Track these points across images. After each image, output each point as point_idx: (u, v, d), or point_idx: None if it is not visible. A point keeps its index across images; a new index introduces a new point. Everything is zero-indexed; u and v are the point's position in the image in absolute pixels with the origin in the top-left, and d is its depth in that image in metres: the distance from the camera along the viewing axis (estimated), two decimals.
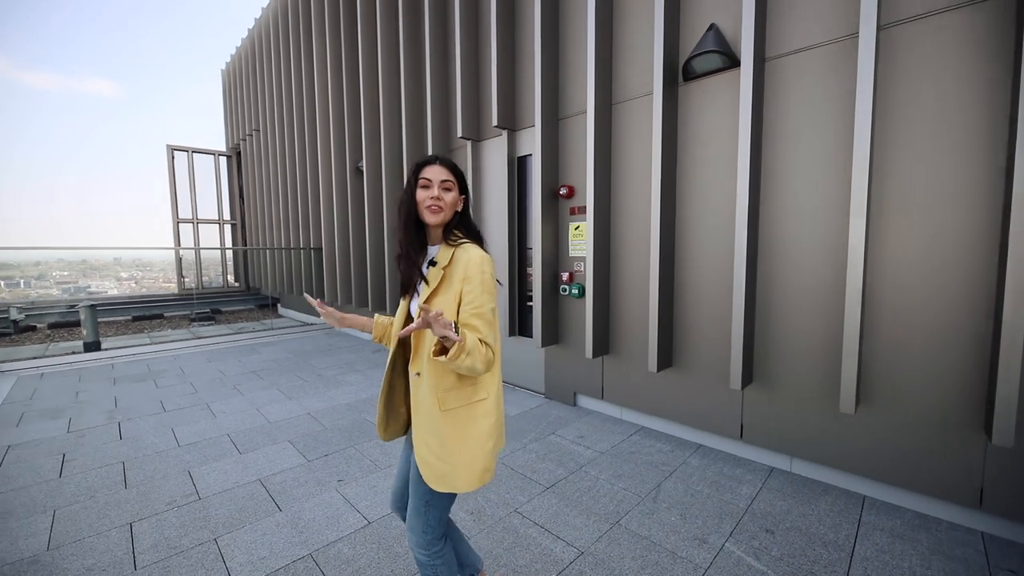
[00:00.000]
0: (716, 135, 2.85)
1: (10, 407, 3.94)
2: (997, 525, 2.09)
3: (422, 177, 1.31)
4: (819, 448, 2.55)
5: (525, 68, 4.00)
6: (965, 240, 2.07)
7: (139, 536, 2.14)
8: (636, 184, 3.27)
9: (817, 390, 2.53)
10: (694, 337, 3.04)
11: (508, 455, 2.94)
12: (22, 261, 10.29)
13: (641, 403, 3.37)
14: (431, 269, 1.32)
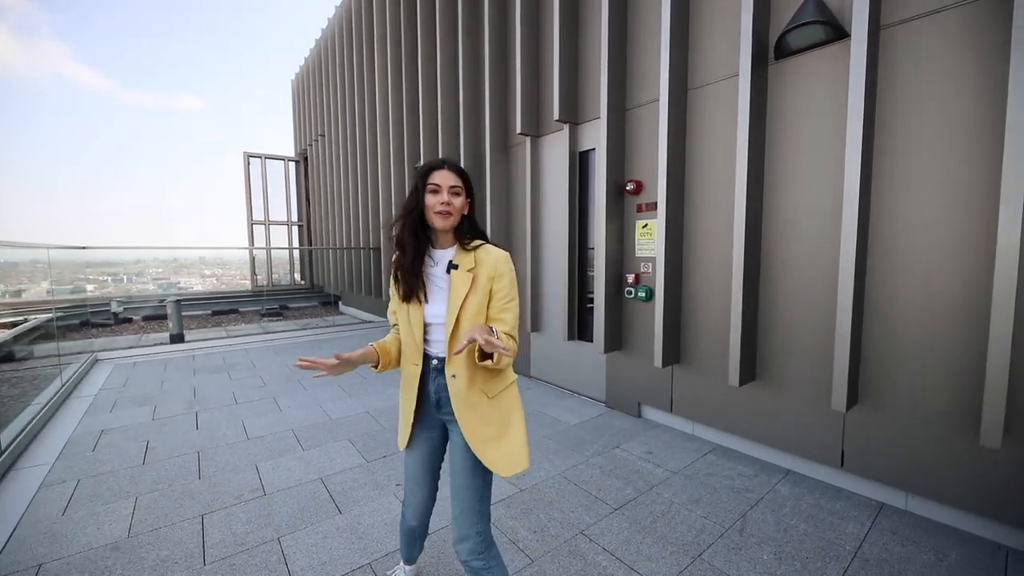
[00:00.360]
0: (814, 120, 2.50)
1: (106, 393, 4.30)
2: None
3: (431, 183, 1.32)
4: (947, 485, 2.14)
5: (590, 56, 3.78)
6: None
7: (209, 529, 2.18)
8: (715, 177, 2.96)
9: (946, 416, 2.12)
10: (783, 349, 2.69)
11: (570, 468, 2.75)
12: (126, 259, 11.52)
13: (717, 419, 3.05)
14: (454, 272, 1.34)
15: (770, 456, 2.82)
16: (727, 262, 2.89)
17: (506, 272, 1.35)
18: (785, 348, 2.68)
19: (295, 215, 12.74)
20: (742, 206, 2.63)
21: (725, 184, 2.89)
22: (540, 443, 3.12)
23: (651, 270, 3.37)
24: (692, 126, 3.07)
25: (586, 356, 4.03)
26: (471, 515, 1.34)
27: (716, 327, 3.00)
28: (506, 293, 1.34)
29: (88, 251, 6.86)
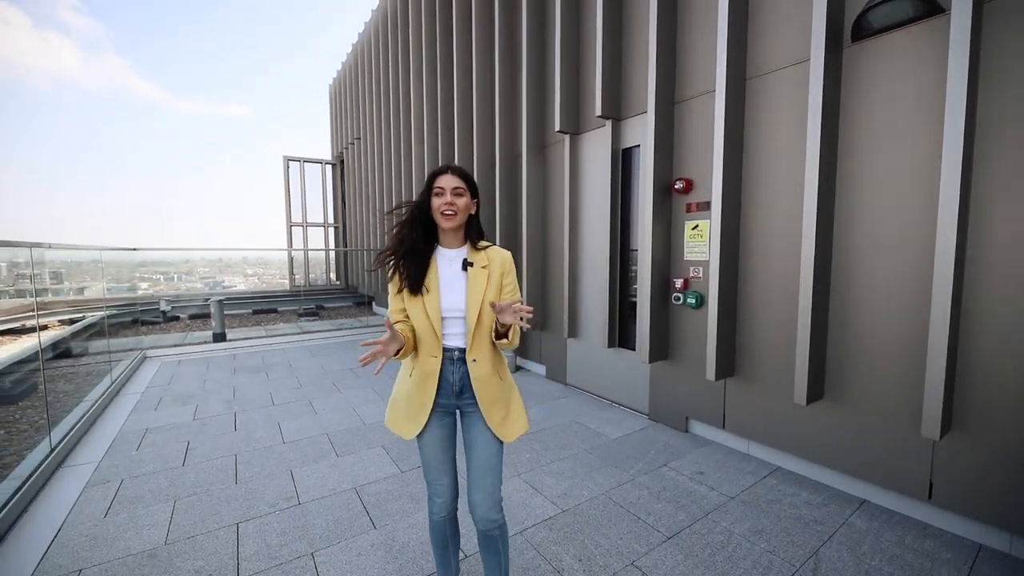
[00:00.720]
0: (900, 109, 2.21)
1: (152, 391, 4.42)
2: None
3: (436, 187, 1.45)
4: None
5: (636, 47, 3.58)
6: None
7: (244, 539, 2.13)
8: (777, 175, 2.70)
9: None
10: (859, 365, 2.41)
11: (615, 488, 2.56)
12: (176, 259, 12.15)
13: (778, 439, 2.79)
14: (471, 270, 1.48)
15: (841, 483, 2.54)
16: (792, 268, 2.63)
17: (511, 270, 1.54)
18: (862, 365, 2.39)
19: (331, 217, 13.01)
20: (812, 207, 2.37)
21: (790, 182, 2.63)
22: (580, 457, 2.94)
23: (702, 274, 3.13)
24: (752, 118, 2.82)
25: (628, 365, 3.82)
26: (496, 482, 1.51)
27: (777, 339, 2.74)
28: (514, 287, 1.53)
29: (143, 252, 7.17)
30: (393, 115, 8.25)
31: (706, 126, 3.04)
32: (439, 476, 1.55)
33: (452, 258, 1.50)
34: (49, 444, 2.84)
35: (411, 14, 7.13)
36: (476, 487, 1.49)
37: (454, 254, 1.51)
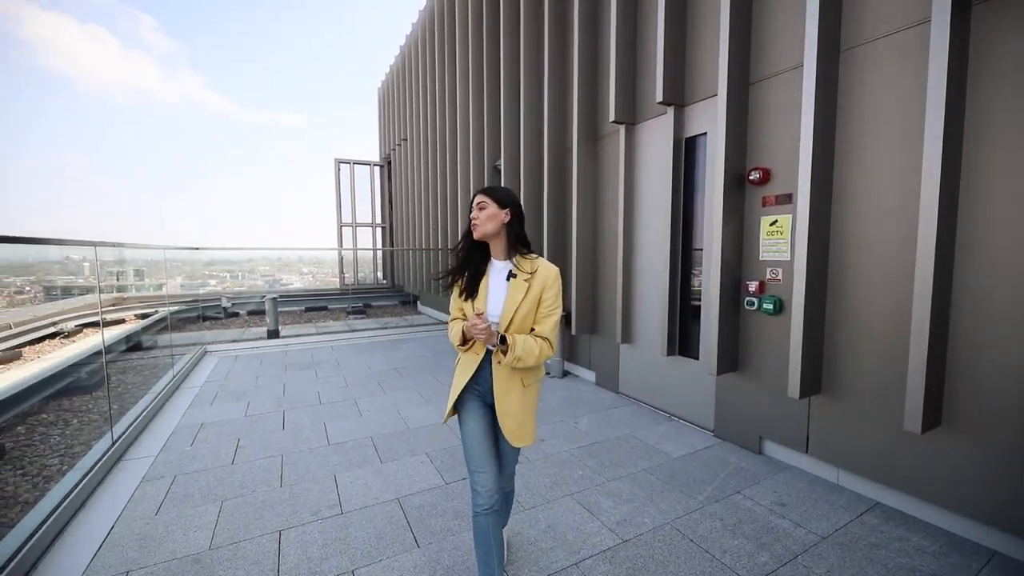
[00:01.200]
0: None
1: (210, 386, 4.57)
2: None
3: (473, 205, 1.63)
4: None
5: (703, 24, 3.24)
6: None
7: (285, 549, 2.04)
8: (881, 161, 2.30)
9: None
10: (991, 389, 1.98)
11: (682, 517, 2.27)
12: (241, 258, 13.01)
13: (878, 469, 2.38)
14: (513, 280, 1.60)
15: (963, 528, 2.12)
16: (901, 272, 2.23)
17: (555, 286, 1.62)
18: (995, 389, 1.97)
19: (378, 217, 13.29)
20: (932, 201, 1.97)
21: (899, 171, 2.23)
22: (639, 477, 2.67)
23: (781, 276, 2.76)
24: (848, 96, 2.44)
25: (689, 375, 3.48)
26: (514, 463, 1.80)
27: (879, 353, 2.34)
28: (552, 303, 1.62)
29: (212, 251, 7.54)
30: (439, 114, 8.23)
31: (789, 107, 2.67)
32: (480, 465, 1.62)
33: (500, 269, 1.65)
34: (111, 438, 2.93)
35: (457, 9, 7.04)
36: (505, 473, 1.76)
37: (502, 265, 1.65)
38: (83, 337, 7.67)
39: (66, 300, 9.15)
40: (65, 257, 12.90)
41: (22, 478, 2.94)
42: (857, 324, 2.43)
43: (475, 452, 1.63)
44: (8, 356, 5.70)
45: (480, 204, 1.60)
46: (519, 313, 1.57)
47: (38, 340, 6.92)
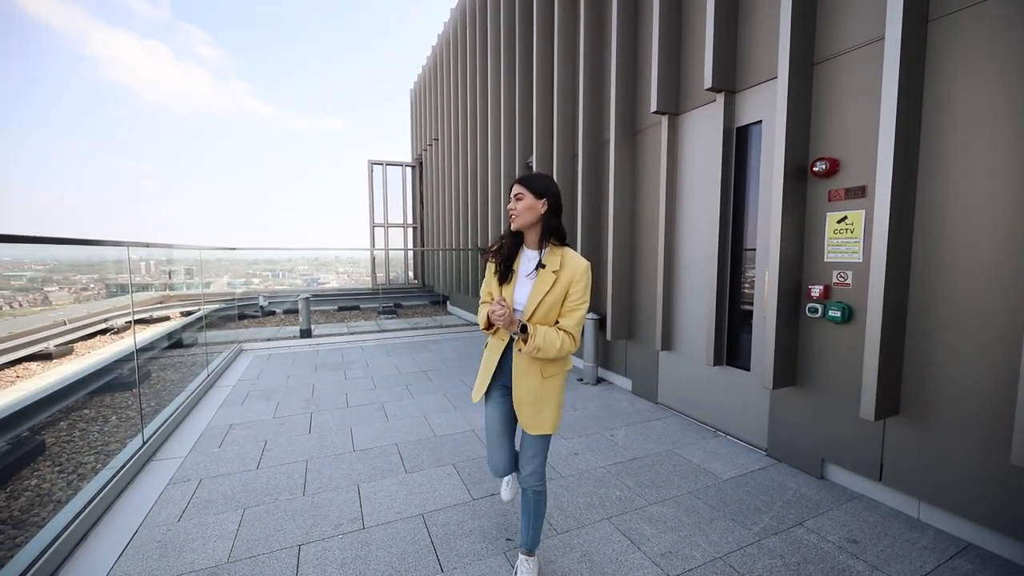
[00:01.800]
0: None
1: (242, 385, 4.60)
2: None
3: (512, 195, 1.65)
4: None
5: (757, 1, 2.94)
6: None
7: (303, 566, 1.93)
8: (982, 150, 1.97)
9: None
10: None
11: (736, 551, 2.01)
12: (281, 258, 13.57)
13: (971, 506, 2.04)
14: (542, 271, 1.62)
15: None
16: (1005, 273, 1.89)
17: (583, 280, 1.61)
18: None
19: (410, 218, 13.38)
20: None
21: (1005, 162, 1.89)
22: (684, 501, 2.41)
23: (851, 280, 2.44)
24: (936, 74, 2.10)
25: (739, 388, 3.18)
26: (540, 455, 1.71)
27: (979, 370, 2.00)
28: (579, 296, 1.61)
29: (255, 251, 7.72)
30: (470, 112, 8.12)
31: (863, 89, 2.35)
32: (496, 448, 1.77)
33: (531, 258, 1.67)
34: (142, 439, 2.93)
35: (489, 4, 6.90)
36: (524, 456, 1.73)
37: (533, 254, 1.67)
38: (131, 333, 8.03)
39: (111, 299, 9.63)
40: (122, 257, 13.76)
41: (59, 475, 2.98)
42: (947, 336, 2.09)
43: (491, 434, 1.79)
44: (62, 351, 5.99)
45: (517, 195, 1.61)
46: (543, 305, 1.60)
47: (89, 336, 7.28)
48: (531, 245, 1.68)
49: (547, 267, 1.61)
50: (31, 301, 9.90)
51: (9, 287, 10.32)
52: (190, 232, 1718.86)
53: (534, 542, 1.77)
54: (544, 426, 1.66)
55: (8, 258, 10.02)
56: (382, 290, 11.96)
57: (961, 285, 2.05)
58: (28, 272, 10.46)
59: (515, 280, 1.66)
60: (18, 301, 9.70)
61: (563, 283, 1.60)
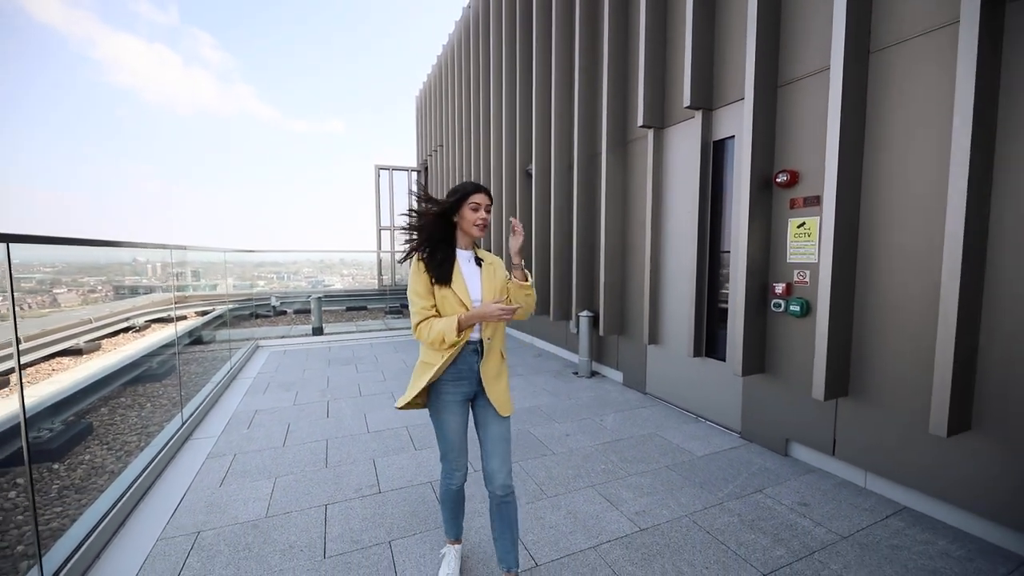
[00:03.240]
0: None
1: (262, 377, 4.97)
2: None
3: (472, 201, 1.69)
4: None
5: (730, 28, 3.28)
6: None
7: (331, 520, 2.27)
8: (909, 163, 2.29)
9: None
10: (1013, 393, 1.95)
11: (701, 511, 2.34)
12: (286, 260, 13.89)
13: (906, 473, 2.36)
14: (484, 265, 1.76)
15: (994, 535, 2.08)
16: (931, 276, 2.21)
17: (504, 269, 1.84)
18: (1018, 392, 1.94)
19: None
20: (960, 203, 1.96)
21: (928, 173, 2.22)
22: (661, 473, 2.74)
23: (808, 279, 2.77)
24: (876, 98, 2.43)
25: (716, 377, 3.51)
26: (507, 458, 1.73)
27: (909, 356, 2.32)
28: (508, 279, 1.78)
29: (261, 253, 8.11)
30: (473, 123, 8.48)
31: (818, 110, 2.68)
32: (461, 455, 1.79)
33: (467, 258, 1.76)
34: (181, 418, 3.30)
35: (492, 19, 7.27)
36: (493, 457, 1.71)
37: (467, 255, 1.76)
38: (151, 332, 8.43)
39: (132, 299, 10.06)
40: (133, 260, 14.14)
41: (107, 451, 3.36)
42: (885, 326, 2.42)
43: (455, 444, 1.75)
44: (91, 347, 6.39)
45: (489, 207, 1.72)
46: (498, 293, 1.74)
47: (113, 334, 7.69)
48: (465, 247, 1.76)
49: (484, 260, 1.77)
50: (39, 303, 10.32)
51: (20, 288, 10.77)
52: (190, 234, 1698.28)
53: (517, 557, 1.74)
54: (510, 406, 1.76)
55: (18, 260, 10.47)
56: (389, 291, 12.34)
57: (897, 283, 2.37)
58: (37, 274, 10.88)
59: (460, 279, 1.67)
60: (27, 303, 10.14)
61: (500, 275, 1.78)
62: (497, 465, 1.70)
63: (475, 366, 1.71)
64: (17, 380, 1.68)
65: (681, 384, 3.87)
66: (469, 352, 1.70)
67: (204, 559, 1.99)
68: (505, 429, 1.74)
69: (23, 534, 2.51)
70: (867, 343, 2.50)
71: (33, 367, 5.49)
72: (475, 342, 1.71)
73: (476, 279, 1.72)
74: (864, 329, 2.52)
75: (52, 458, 3.01)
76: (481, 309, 1.61)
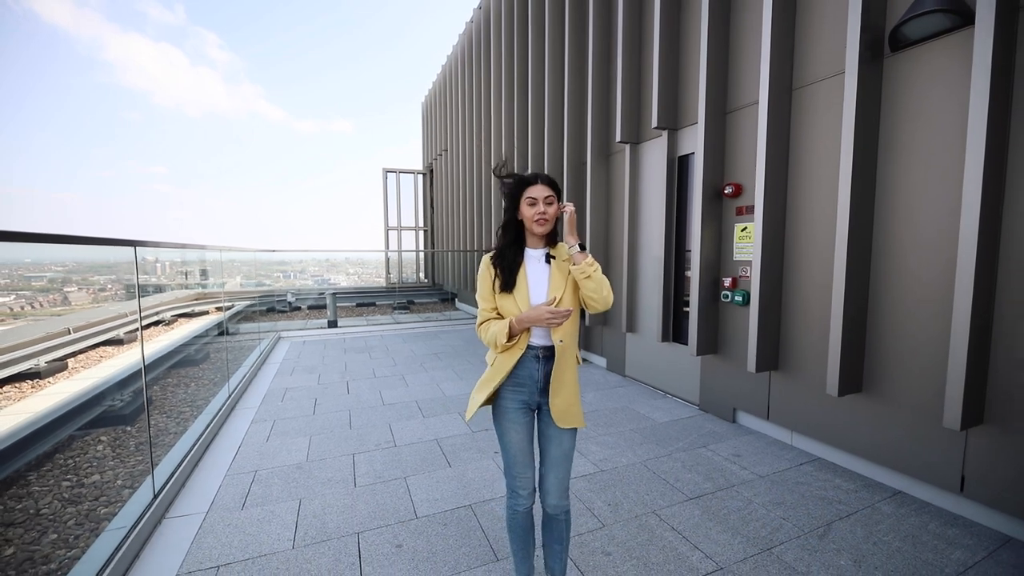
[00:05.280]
0: (934, 117, 2.31)
1: (287, 363, 5.60)
2: None
3: (528, 196, 1.54)
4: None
5: (689, 62, 3.85)
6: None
7: (358, 464, 2.88)
8: (820, 180, 2.86)
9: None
10: (894, 361, 2.52)
11: (652, 459, 2.92)
12: (292, 259, 14.48)
13: (817, 429, 2.93)
14: (554, 263, 1.59)
15: (877, 474, 2.65)
16: (830, 268, 2.78)
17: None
18: (896, 360, 2.50)
19: (421, 221, 14.39)
20: (845, 211, 2.53)
21: (830, 187, 2.78)
22: (626, 434, 3.32)
23: (748, 274, 3.34)
24: (796, 127, 3.00)
25: (680, 358, 4.08)
26: (565, 479, 1.61)
27: (818, 334, 2.89)
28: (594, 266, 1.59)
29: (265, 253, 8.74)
30: (475, 131, 9.08)
31: (753, 135, 3.25)
32: (524, 469, 1.61)
33: (538, 257, 1.61)
34: (227, 390, 3.93)
35: (492, 38, 7.86)
36: (551, 474, 1.59)
37: (539, 253, 1.62)
38: (178, 325, 9.12)
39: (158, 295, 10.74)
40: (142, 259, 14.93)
41: (168, 419, 3.99)
42: (803, 310, 2.99)
43: (517, 457, 1.60)
44: (130, 338, 7.07)
45: (549, 199, 1.54)
46: (568, 290, 1.55)
47: (146, 327, 8.37)
48: (535, 245, 1.63)
49: (557, 257, 1.59)
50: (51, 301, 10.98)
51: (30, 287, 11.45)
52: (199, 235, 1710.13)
53: (564, 567, 1.69)
54: (579, 417, 1.59)
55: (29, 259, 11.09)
56: (397, 288, 12.97)
57: (811, 274, 2.93)
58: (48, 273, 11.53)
59: (525, 283, 1.56)
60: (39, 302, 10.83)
61: None
62: (552, 484, 1.60)
63: (535, 373, 1.58)
64: (139, 339, 2.29)
65: (653, 366, 4.45)
66: (530, 358, 1.57)
67: (263, 487, 2.61)
68: (567, 446, 1.60)
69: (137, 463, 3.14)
70: (791, 325, 3.07)
71: (83, 354, 6.16)
72: (536, 348, 1.57)
73: (543, 280, 1.58)
74: (790, 314, 3.08)
75: (125, 423, 3.65)
76: (531, 312, 1.48)
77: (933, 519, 2.26)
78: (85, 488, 2.82)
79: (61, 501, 2.65)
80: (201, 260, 10.66)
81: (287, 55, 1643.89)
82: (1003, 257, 2.08)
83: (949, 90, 2.26)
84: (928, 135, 2.35)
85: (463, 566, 1.96)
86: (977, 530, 2.17)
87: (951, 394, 2.13)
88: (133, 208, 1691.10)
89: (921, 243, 2.38)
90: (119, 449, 3.37)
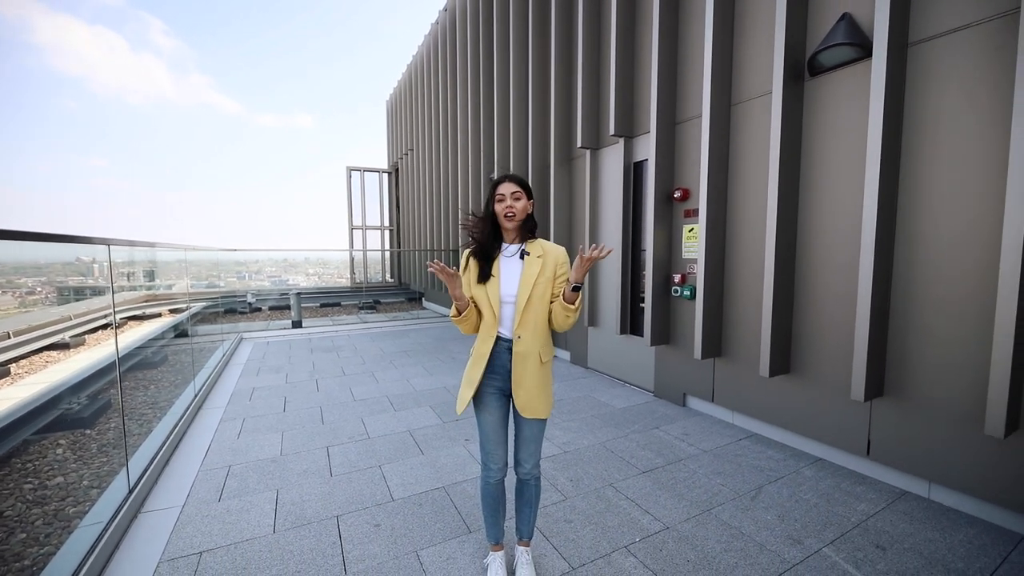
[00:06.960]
0: (846, 132, 2.69)
1: (252, 363, 5.54)
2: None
3: (497, 194, 1.70)
4: (968, 476, 2.26)
5: (643, 76, 4.16)
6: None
7: (333, 455, 2.98)
8: (754, 186, 3.21)
9: (962, 408, 2.25)
10: (814, 344, 2.89)
11: (610, 440, 3.19)
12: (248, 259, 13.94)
13: (754, 408, 3.29)
14: (527, 258, 1.71)
15: (802, 444, 3.02)
16: (761, 261, 3.13)
17: (567, 262, 1.75)
18: (815, 343, 2.88)
19: (387, 220, 14.29)
20: (773, 216, 2.88)
21: (763, 193, 3.14)
22: (587, 420, 3.58)
23: (695, 271, 3.67)
24: (735, 138, 3.35)
25: (637, 349, 4.39)
26: (536, 452, 1.81)
27: (753, 323, 3.25)
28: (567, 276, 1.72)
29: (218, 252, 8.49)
30: (441, 130, 9.18)
31: (699, 144, 3.58)
32: (496, 447, 1.78)
33: (513, 252, 1.73)
34: (194, 388, 3.90)
35: (458, 41, 8.00)
36: (523, 449, 1.79)
37: (514, 248, 1.74)
38: (129, 329, 8.69)
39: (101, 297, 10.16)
40: (76, 258, 13.87)
41: (130, 421, 3.91)
42: (741, 303, 3.34)
43: (490, 437, 1.77)
44: (77, 342, 6.72)
45: (516, 195, 1.67)
46: (537, 289, 1.65)
47: (93, 330, 7.94)
48: (511, 240, 1.74)
49: (531, 253, 1.69)
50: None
51: None
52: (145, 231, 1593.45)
53: (531, 530, 1.88)
54: (542, 410, 1.72)
55: None
56: (364, 288, 12.84)
57: (747, 270, 3.29)
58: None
59: (497, 276, 1.69)
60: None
61: (550, 267, 1.69)
62: (524, 456, 1.79)
63: (507, 364, 1.72)
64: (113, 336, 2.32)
65: (612, 357, 4.75)
66: (503, 349, 1.72)
67: (239, 480, 2.67)
68: (536, 429, 1.76)
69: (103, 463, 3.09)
70: (732, 317, 3.42)
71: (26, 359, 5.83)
72: (508, 340, 1.71)
73: (516, 274, 1.70)
74: (729, 306, 3.43)
75: (85, 425, 3.56)
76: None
77: (845, 479, 2.64)
78: (49, 490, 2.78)
79: (25, 503, 2.61)
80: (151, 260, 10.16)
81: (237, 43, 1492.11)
82: (898, 247, 2.47)
83: (857, 111, 2.63)
84: (840, 148, 2.72)
85: (438, 538, 2.13)
86: (880, 486, 2.56)
87: (857, 369, 2.50)
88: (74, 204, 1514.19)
89: (835, 238, 2.76)
90: (80, 451, 3.31)
